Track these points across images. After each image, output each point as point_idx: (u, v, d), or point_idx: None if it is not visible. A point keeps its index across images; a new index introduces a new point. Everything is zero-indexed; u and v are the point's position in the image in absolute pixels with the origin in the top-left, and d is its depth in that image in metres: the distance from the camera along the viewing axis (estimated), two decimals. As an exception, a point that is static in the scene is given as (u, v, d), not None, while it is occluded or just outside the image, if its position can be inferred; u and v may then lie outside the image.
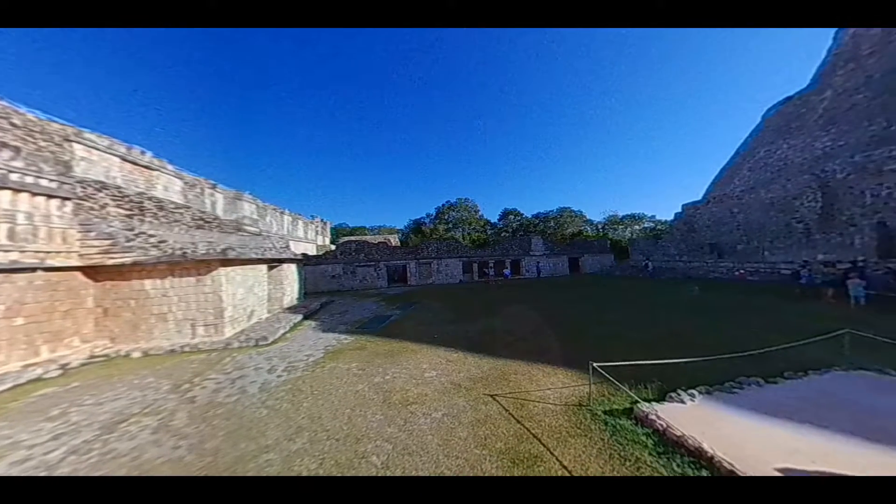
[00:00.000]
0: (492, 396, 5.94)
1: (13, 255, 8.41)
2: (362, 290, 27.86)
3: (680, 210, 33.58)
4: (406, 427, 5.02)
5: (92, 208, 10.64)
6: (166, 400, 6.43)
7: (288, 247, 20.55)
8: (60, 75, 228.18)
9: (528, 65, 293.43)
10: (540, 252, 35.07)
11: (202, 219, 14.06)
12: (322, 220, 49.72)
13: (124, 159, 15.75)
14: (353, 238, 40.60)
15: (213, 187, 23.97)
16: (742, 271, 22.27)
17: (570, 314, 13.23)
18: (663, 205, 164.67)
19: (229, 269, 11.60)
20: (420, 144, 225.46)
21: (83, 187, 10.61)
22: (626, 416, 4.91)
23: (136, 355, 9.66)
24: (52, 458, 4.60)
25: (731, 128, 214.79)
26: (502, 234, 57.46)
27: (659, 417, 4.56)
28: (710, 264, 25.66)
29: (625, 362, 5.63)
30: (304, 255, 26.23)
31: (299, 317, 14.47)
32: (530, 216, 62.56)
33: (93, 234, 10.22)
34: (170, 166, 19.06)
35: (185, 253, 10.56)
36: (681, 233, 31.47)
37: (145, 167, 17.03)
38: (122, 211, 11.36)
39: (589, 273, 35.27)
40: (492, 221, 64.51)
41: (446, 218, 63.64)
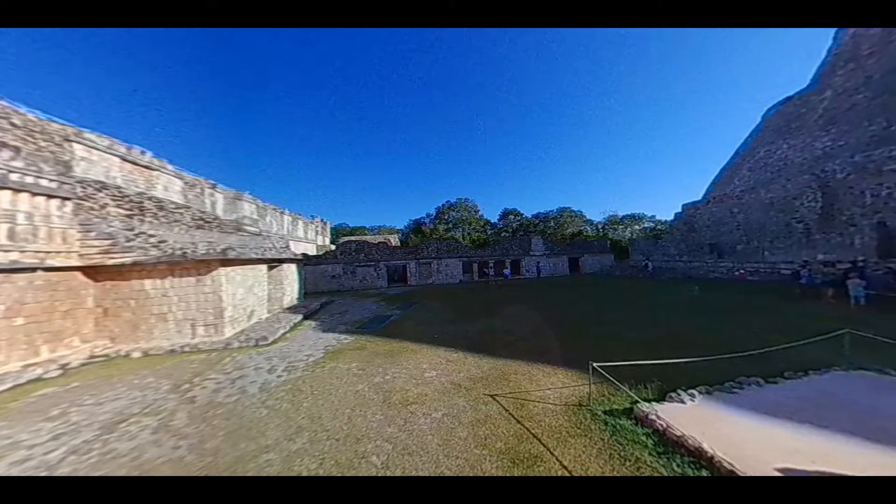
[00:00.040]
0: (492, 396, 5.94)
1: (13, 255, 8.42)
2: (362, 290, 27.86)
3: (680, 210, 33.59)
4: (406, 427, 5.02)
5: (92, 208, 10.64)
6: (166, 400, 6.44)
7: (288, 247, 20.55)
8: (60, 75, 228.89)
9: (527, 65, 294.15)
10: (540, 252, 35.06)
11: (202, 219, 14.06)
12: (322, 220, 49.71)
13: (124, 159, 15.76)
14: (353, 238, 40.59)
15: (213, 187, 23.98)
16: (742, 271, 22.26)
17: (570, 314, 13.23)
18: (663, 205, 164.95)
19: (229, 269, 11.60)
20: (420, 144, 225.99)
21: (83, 187, 10.61)
22: (626, 416, 4.91)
23: (136, 355, 9.66)
24: (52, 458, 4.60)
25: (731, 128, 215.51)
26: (502, 234, 57.44)
27: (659, 417, 4.56)
28: (710, 264, 25.65)
29: (625, 362, 5.63)
30: (304, 255, 26.22)
31: (299, 317, 14.47)
32: (530, 216, 62.59)
33: (93, 234, 10.22)
34: (170, 166, 19.07)
35: (185, 253, 10.57)
36: (681, 233, 31.47)
37: (145, 167, 17.04)
38: (122, 211, 11.37)
39: (589, 273, 35.24)
40: (492, 221, 64.54)
41: (446, 218, 63.64)
